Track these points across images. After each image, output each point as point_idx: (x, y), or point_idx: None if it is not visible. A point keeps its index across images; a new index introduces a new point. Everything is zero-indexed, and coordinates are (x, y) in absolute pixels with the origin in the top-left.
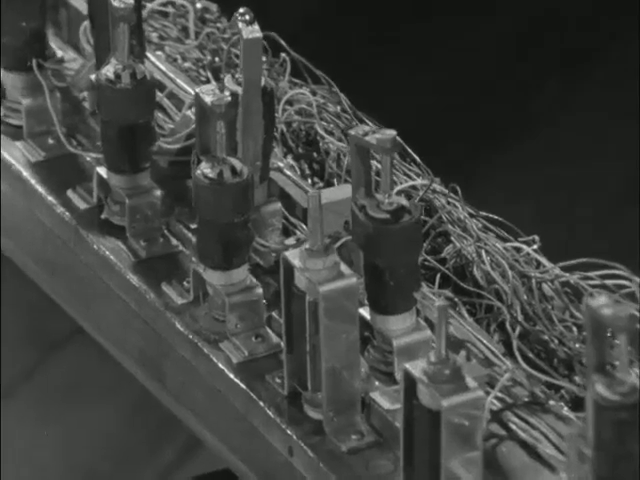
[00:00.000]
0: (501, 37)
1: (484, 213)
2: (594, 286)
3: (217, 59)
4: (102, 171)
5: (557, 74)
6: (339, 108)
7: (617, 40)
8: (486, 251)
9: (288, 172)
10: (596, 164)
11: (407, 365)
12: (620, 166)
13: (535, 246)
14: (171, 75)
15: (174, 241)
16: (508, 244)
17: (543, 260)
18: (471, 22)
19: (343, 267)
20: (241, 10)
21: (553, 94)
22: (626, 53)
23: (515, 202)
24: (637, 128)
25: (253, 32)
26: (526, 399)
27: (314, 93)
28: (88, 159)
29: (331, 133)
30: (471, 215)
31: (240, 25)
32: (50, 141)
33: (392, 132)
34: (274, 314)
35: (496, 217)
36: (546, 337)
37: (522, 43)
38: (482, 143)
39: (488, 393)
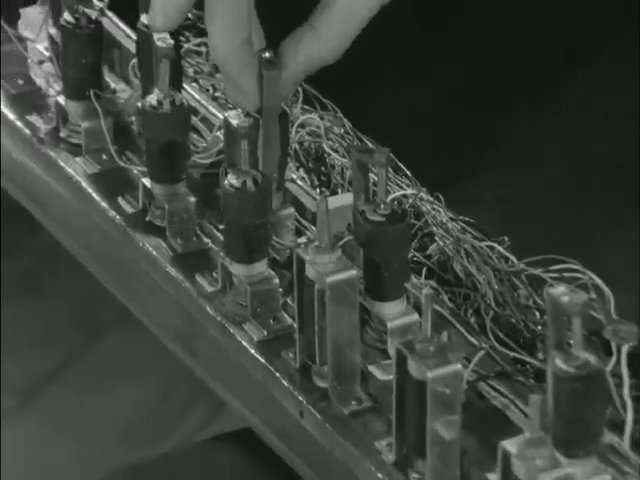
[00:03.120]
0: (500, 37)
1: (462, 217)
2: (553, 278)
3: None
4: (146, 181)
5: (557, 74)
6: (342, 130)
7: (617, 40)
8: (464, 249)
9: (300, 183)
10: (596, 164)
11: (399, 343)
12: (621, 166)
13: (506, 245)
14: (204, 103)
15: (205, 239)
16: (482, 243)
17: (511, 257)
18: (469, 22)
19: (345, 261)
20: (263, 49)
21: (553, 94)
22: (626, 53)
23: (514, 202)
24: (637, 128)
25: (273, 67)
26: (497, 371)
27: (322, 118)
28: (135, 172)
29: (336, 151)
30: (452, 219)
31: (262, 61)
32: (104, 157)
33: (386, 150)
34: (288, 300)
35: (472, 220)
36: (513, 320)
37: (523, 44)
38: (481, 143)
39: (466, 367)
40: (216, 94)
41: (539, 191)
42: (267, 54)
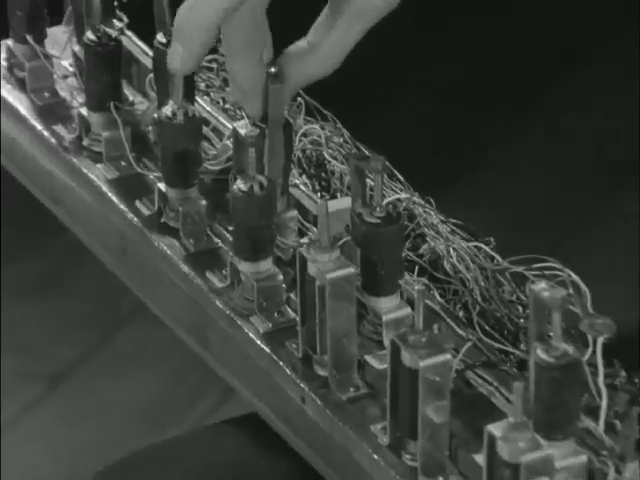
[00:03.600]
0: (499, 37)
1: (452, 220)
2: (535, 275)
3: None
4: (162, 186)
5: (556, 74)
6: (342, 139)
7: (616, 39)
8: (453, 249)
9: (302, 188)
10: (590, 165)
11: (393, 335)
12: (618, 166)
13: (491, 245)
14: (214, 114)
15: (215, 239)
16: (470, 243)
17: (496, 256)
18: (466, 23)
19: (344, 260)
20: (269, 63)
21: (553, 96)
22: (626, 53)
23: (506, 202)
24: (637, 128)
25: (278, 81)
26: (483, 361)
27: (323, 128)
28: (151, 177)
29: (335, 158)
30: (442, 221)
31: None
32: (123, 163)
33: (382, 157)
34: (291, 295)
35: (460, 222)
36: (498, 314)
37: (521, 44)
38: (478, 143)
39: (454, 356)
40: (226, 106)
41: (532, 192)
42: (273, 69)
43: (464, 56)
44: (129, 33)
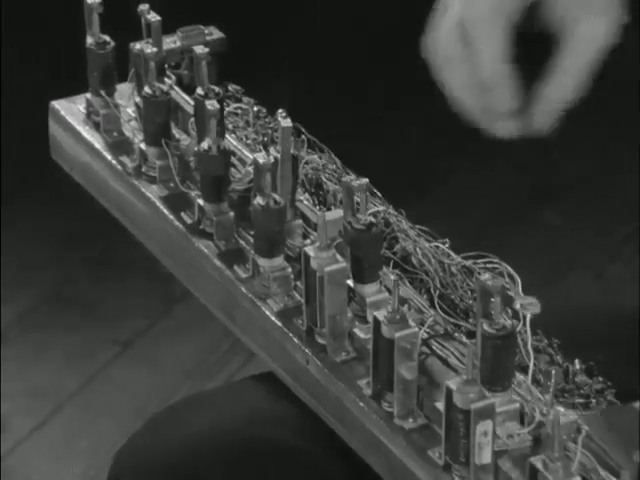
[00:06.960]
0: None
1: (418, 226)
2: (480, 268)
3: (266, 138)
4: (200, 201)
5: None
6: (334, 166)
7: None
8: (419, 248)
9: (305, 202)
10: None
11: (375, 313)
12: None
13: (447, 245)
14: (239, 147)
15: (241, 241)
16: (432, 244)
17: (451, 253)
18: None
19: (338, 257)
20: (280, 110)
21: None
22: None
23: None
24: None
25: (287, 122)
26: (442, 332)
27: (320, 157)
28: (192, 195)
29: (330, 180)
30: (410, 227)
31: (279, 118)
32: (171, 184)
33: (365, 179)
34: (298, 283)
35: (424, 228)
36: (453, 297)
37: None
38: (437, 171)
39: (420, 329)
40: (247, 142)
41: (477, 207)
42: (281, 110)
43: (429, 106)
44: (176, 88)
